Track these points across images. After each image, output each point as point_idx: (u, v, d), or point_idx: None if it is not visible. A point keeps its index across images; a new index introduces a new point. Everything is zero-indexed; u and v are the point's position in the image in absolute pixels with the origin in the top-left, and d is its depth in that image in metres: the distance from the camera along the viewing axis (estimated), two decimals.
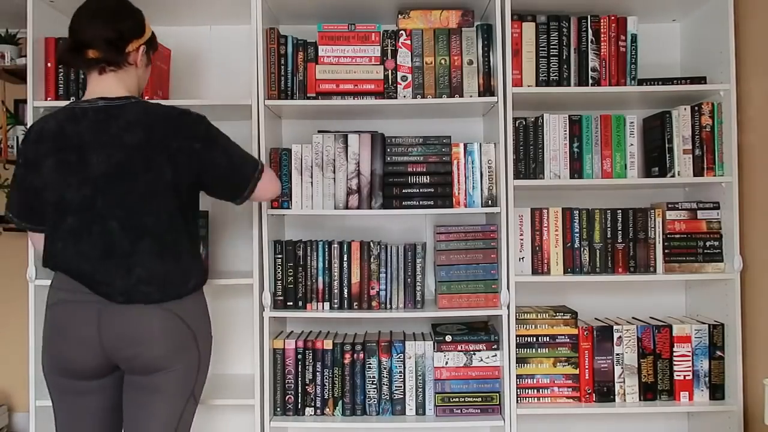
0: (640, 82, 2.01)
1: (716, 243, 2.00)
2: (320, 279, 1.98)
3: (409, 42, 2.00)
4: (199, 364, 1.49)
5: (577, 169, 2.00)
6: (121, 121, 1.40)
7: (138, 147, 1.40)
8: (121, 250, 1.40)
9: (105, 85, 1.46)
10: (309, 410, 1.98)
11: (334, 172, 1.98)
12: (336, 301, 1.98)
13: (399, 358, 1.98)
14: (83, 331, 1.39)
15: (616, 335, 2.00)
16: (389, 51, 2.00)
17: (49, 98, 1.99)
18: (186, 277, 1.47)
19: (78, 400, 1.46)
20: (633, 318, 2.16)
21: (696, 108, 2.00)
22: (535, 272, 2.01)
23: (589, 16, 2.01)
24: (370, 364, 1.98)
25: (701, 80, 2.02)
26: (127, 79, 1.49)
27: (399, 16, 2.04)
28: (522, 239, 2.01)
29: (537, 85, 1.99)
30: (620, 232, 2.01)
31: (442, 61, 2.00)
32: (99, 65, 1.44)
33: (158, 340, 1.41)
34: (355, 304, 1.98)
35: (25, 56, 2.04)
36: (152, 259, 1.42)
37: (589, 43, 2.00)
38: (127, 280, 1.40)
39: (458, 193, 1.98)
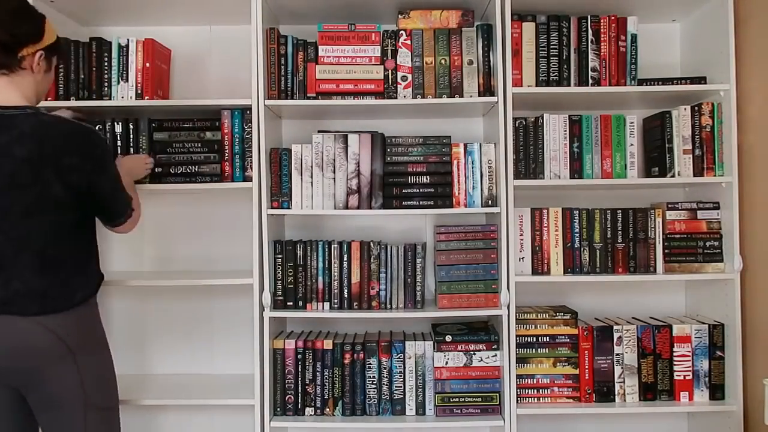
0: (640, 82, 2.01)
1: (716, 243, 2.00)
2: (320, 279, 1.98)
3: (409, 42, 2.00)
4: (80, 377, 1.47)
5: (577, 169, 2.00)
6: (13, 132, 1.38)
7: (27, 160, 1.38)
8: (1, 260, 1.40)
9: None
10: (309, 410, 1.98)
11: (334, 172, 1.98)
12: (336, 301, 1.98)
13: (399, 358, 1.98)
14: None
15: (616, 335, 2.00)
16: (389, 51, 2.00)
17: (49, 98, 1.98)
18: (70, 290, 1.47)
19: None
20: (633, 318, 2.16)
21: (696, 108, 2.00)
22: (535, 272, 2.01)
23: (589, 16, 2.00)
24: (370, 364, 1.98)
25: (701, 80, 2.02)
26: (23, 83, 1.46)
27: (399, 16, 2.04)
28: (522, 239, 2.01)
29: (537, 85, 1.99)
30: (620, 232, 2.01)
31: (442, 61, 2.00)
32: None
33: (24, 356, 1.41)
34: (355, 304, 1.98)
35: None
36: (31, 273, 1.41)
37: (589, 43, 2.00)
38: (3, 291, 1.40)
39: (458, 193, 1.98)
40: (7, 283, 1.40)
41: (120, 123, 1.97)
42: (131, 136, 1.97)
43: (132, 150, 1.97)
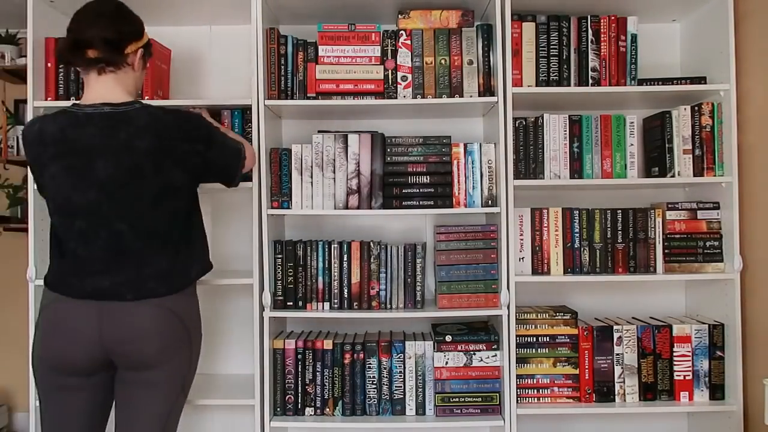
0: (640, 82, 2.01)
1: (716, 243, 2.00)
2: (320, 279, 1.98)
3: (409, 42, 2.00)
4: (191, 360, 1.56)
5: (577, 169, 2.00)
6: (131, 127, 1.44)
7: (148, 152, 1.44)
8: (131, 250, 1.46)
9: (106, 88, 1.48)
10: (309, 410, 1.98)
11: (334, 172, 1.98)
12: (336, 301, 1.98)
13: (399, 358, 1.98)
14: (82, 328, 1.43)
15: (616, 335, 2.00)
16: (389, 51, 2.00)
17: (49, 98, 1.99)
18: (189, 268, 1.56)
19: (67, 398, 1.49)
20: (633, 318, 2.16)
21: (696, 108, 2.00)
22: (535, 272, 2.01)
23: (589, 16, 2.00)
24: (370, 364, 1.98)
25: (701, 80, 2.02)
26: (126, 80, 1.52)
27: (399, 16, 2.04)
28: (522, 239, 2.01)
29: (537, 85, 1.99)
30: (620, 232, 2.01)
31: (442, 61, 2.00)
32: (98, 65, 1.47)
33: (155, 338, 1.46)
34: (355, 304, 1.98)
35: (25, 56, 2.04)
36: (160, 257, 1.49)
37: (589, 43, 2.00)
38: (137, 277, 1.46)
39: (458, 193, 1.98)
40: (140, 270, 1.46)
41: None
42: None
43: None
